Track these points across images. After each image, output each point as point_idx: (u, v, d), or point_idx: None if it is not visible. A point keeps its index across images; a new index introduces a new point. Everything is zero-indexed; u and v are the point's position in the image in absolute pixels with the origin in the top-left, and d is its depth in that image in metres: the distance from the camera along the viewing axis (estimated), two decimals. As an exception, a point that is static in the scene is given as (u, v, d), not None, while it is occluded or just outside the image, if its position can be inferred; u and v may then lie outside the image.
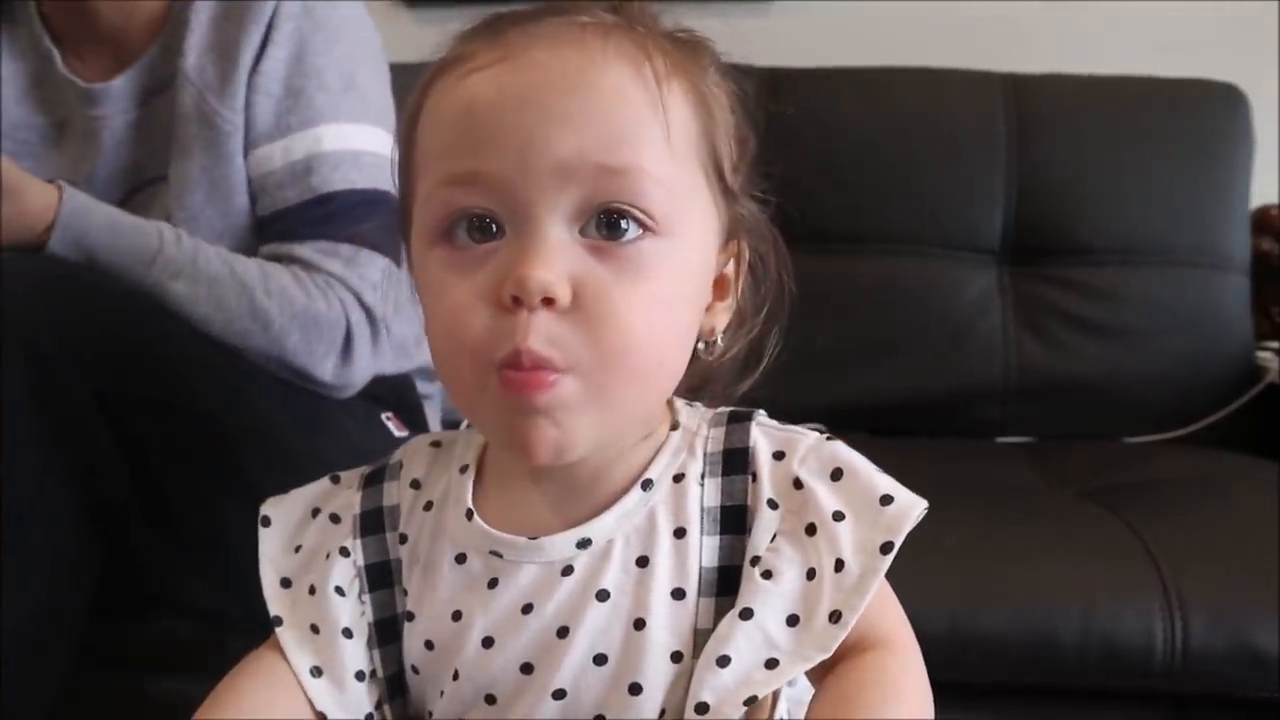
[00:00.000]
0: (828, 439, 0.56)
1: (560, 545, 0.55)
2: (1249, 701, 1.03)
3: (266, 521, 0.63)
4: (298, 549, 0.62)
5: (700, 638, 0.53)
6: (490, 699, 0.56)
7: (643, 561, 0.54)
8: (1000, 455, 1.46)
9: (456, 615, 0.56)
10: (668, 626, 0.53)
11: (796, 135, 1.59)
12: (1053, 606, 1.03)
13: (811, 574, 0.52)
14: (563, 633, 0.54)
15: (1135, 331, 1.54)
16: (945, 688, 1.12)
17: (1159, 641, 1.01)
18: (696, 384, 0.58)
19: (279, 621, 0.60)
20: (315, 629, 0.59)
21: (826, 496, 0.53)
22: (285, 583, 0.61)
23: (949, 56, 1.64)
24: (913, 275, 1.57)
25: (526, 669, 0.54)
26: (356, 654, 0.59)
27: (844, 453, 0.55)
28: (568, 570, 0.54)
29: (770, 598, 0.52)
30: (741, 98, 0.58)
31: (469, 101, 0.51)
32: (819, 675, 0.54)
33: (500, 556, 0.56)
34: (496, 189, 0.50)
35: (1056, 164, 1.57)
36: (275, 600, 0.61)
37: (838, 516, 0.53)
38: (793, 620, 0.52)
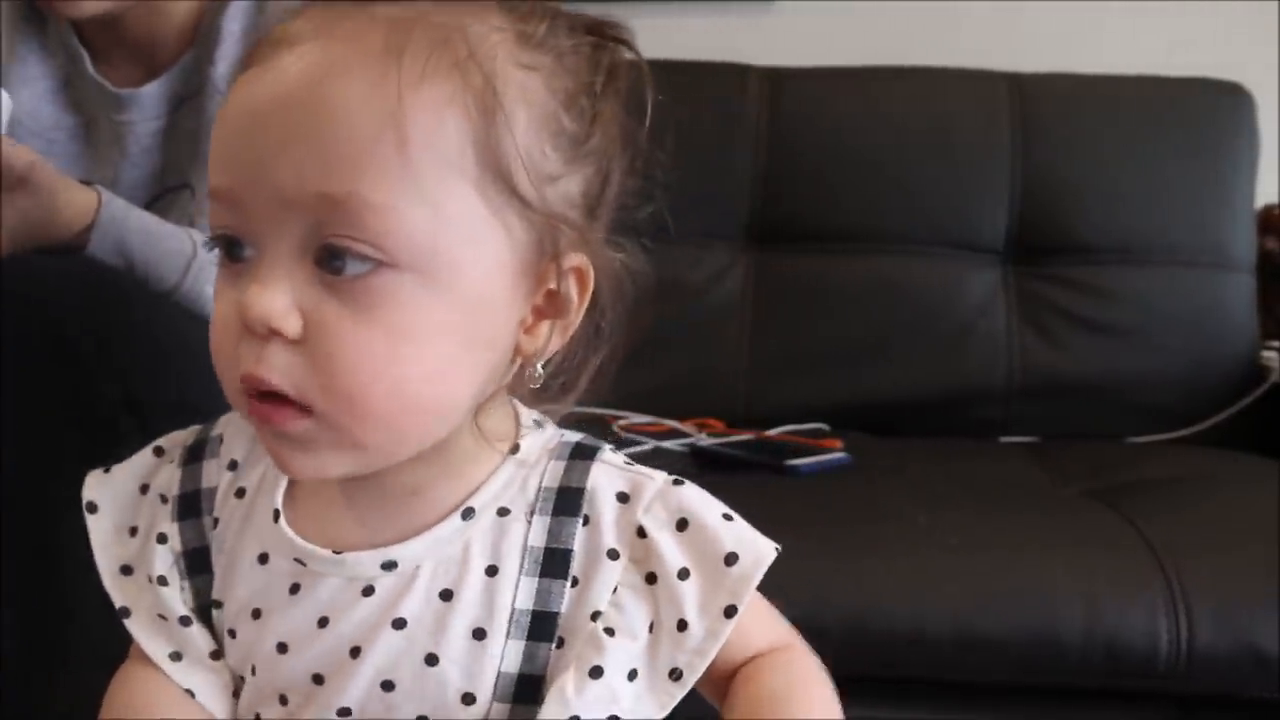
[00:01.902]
0: (675, 483, 0.53)
1: (365, 563, 0.52)
2: (1253, 702, 1.03)
3: (93, 507, 0.59)
4: (133, 531, 0.59)
5: (504, 680, 0.51)
6: (283, 700, 0.54)
7: (447, 595, 0.51)
8: (1004, 455, 1.45)
9: (256, 613, 0.54)
10: (463, 666, 0.51)
11: (797, 135, 1.59)
12: (1056, 606, 1.03)
13: (653, 627, 0.51)
14: (355, 652, 0.52)
15: (1139, 331, 1.53)
16: (948, 687, 1.12)
17: (1163, 642, 1.01)
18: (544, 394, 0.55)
19: (126, 613, 0.58)
20: (163, 616, 0.57)
21: (671, 550, 0.51)
22: (126, 570, 0.58)
23: (950, 56, 1.63)
24: (915, 275, 1.56)
25: (318, 679, 0.53)
26: (203, 638, 0.57)
27: (691, 501, 0.52)
28: (369, 590, 0.52)
29: (616, 654, 0.50)
30: (608, 84, 0.51)
31: (229, 108, 0.48)
32: (719, 684, 0.52)
33: (304, 565, 0.53)
34: (236, 209, 0.47)
35: (1060, 163, 1.57)
36: (117, 591, 0.58)
37: (683, 574, 0.51)
38: (633, 675, 0.51)
